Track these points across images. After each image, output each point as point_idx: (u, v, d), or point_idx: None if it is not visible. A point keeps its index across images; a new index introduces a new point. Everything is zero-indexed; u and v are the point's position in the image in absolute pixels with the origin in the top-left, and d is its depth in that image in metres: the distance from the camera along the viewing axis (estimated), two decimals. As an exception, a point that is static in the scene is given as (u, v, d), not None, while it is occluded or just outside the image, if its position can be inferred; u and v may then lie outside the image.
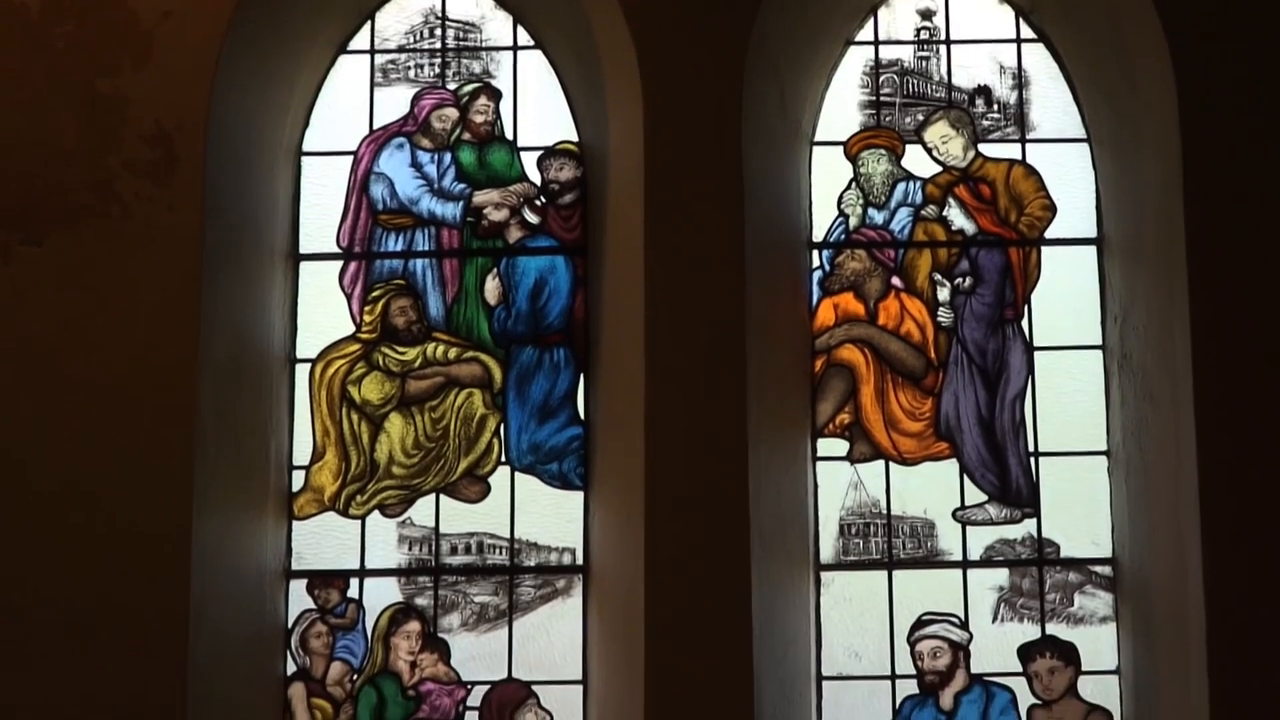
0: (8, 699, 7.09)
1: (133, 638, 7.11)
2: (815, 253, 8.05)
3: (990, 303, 7.97)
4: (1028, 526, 7.75)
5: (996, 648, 7.62)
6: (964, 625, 7.63)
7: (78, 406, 7.33)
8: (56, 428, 7.32)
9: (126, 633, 7.12)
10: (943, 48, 8.22)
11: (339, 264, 8.09)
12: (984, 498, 7.80)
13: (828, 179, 8.12)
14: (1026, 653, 7.59)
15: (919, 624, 7.63)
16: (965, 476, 7.82)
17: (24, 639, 7.13)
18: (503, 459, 7.87)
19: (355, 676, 7.65)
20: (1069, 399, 7.91)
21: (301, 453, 7.91)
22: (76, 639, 7.12)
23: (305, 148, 8.21)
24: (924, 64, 8.22)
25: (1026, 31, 8.21)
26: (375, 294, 8.03)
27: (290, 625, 7.71)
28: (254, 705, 7.51)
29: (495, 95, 8.22)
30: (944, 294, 8.00)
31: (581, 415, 7.88)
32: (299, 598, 7.75)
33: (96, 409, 7.33)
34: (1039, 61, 8.19)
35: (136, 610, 7.13)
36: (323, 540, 7.82)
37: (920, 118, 8.17)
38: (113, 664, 7.10)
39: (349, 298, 8.06)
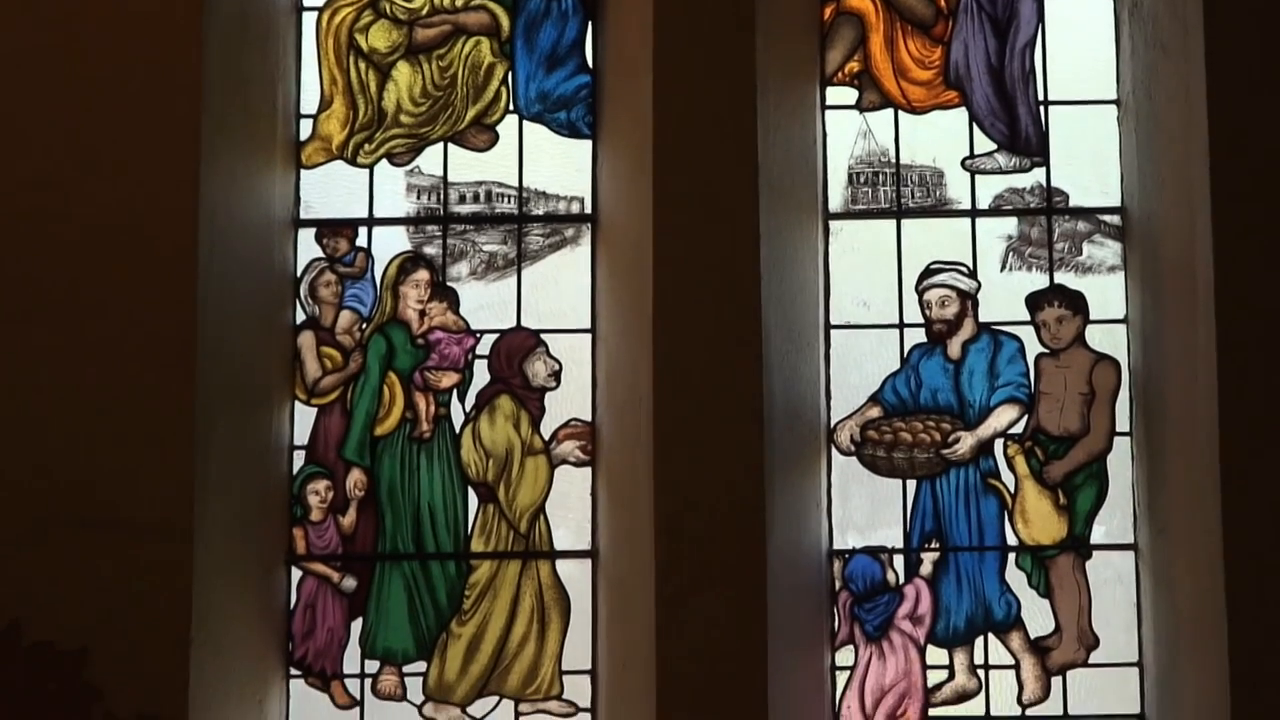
0: (19, 352, 6.84)
1: (142, 289, 6.86)
2: (825, -101, 7.64)
3: (1000, -51, 7.59)
4: (1037, 175, 7.46)
5: (1004, 297, 7.37)
6: (972, 274, 7.37)
7: (81, 57, 6.98)
8: (59, 83, 6.97)
9: (136, 283, 6.86)
10: None
11: (342, -90, 7.69)
12: (993, 146, 7.50)
13: None
14: (1034, 301, 7.32)
15: (927, 273, 7.36)
16: (974, 125, 7.51)
17: (33, 294, 6.86)
18: (510, 107, 7.57)
19: (364, 325, 7.41)
20: (1079, 47, 7.56)
21: (309, 101, 7.59)
22: (86, 291, 6.86)
23: None
24: None
25: None
26: (380, -61, 7.66)
27: (299, 274, 7.45)
28: (263, 354, 7.26)
29: None
30: (954, -60, 7.60)
31: (590, 63, 7.55)
32: (308, 247, 7.48)
33: (100, 59, 6.98)
34: None
35: (145, 261, 6.87)
36: (331, 189, 7.54)
37: None
38: (122, 313, 6.85)
39: (354, -56, 7.68)
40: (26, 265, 6.87)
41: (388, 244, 7.47)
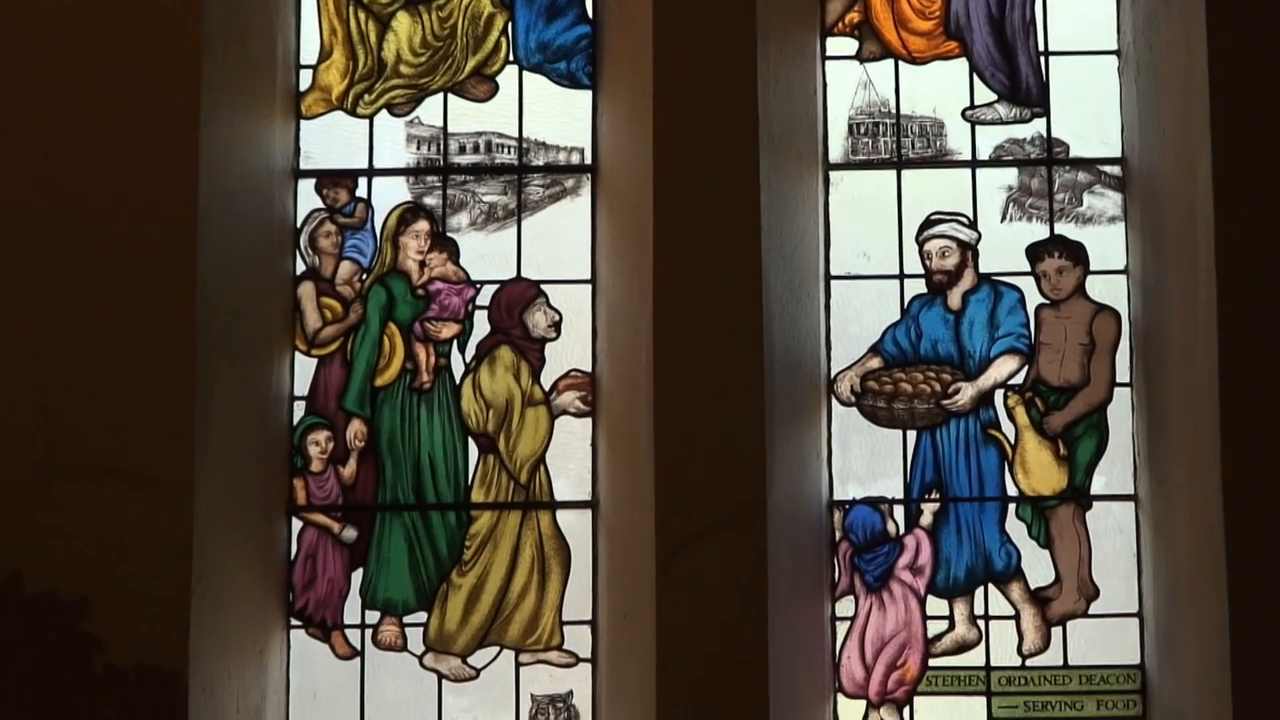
0: (20, 303, 6.77)
1: (142, 240, 6.77)
2: None
3: (1002, -100, 7.51)
4: (1037, 126, 7.39)
5: (1005, 247, 7.30)
6: (972, 225, 7.29)
7: (81, 9, 6.90)
8: (58, 34, 6.89)
9: (136, 234, 6.78)
10: None
11: None
12: (993, 97, 7.42)
13: None
14: (1035, 252, 7.26)
15: (928, 223, 7.29)
16: (975, 75, 7.43)
17: (34, 242, 6.79)
18: (510, 58, 7.49)
19: (364, 276, 7.35)
20: (1079, -3, 7.51)
21: (309, 52, 7.52)
22: (87, 241, 6.79)
23: None
24: None
25: None
26: (380, -110, 7.57)
27: (299, 225, 7.38)
28: (263, 305, 7.21)
29: None
30: (955, -110, 7.51)
31: (589, 13, 7.47)
32: (307, 197, 7.42)
33: (100, 11, 6.89)
34: None
35: (145, 212, 6.78)
36: (331, 140, 7.47)
37: None
38: (123, 266, 6.77)
39: (354, -105, 7.60)
40: (26, 219, 6.79)
41: (387, 194, 7.41)
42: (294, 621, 7.17)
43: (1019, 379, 7.16)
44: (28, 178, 6.82)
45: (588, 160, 7.39)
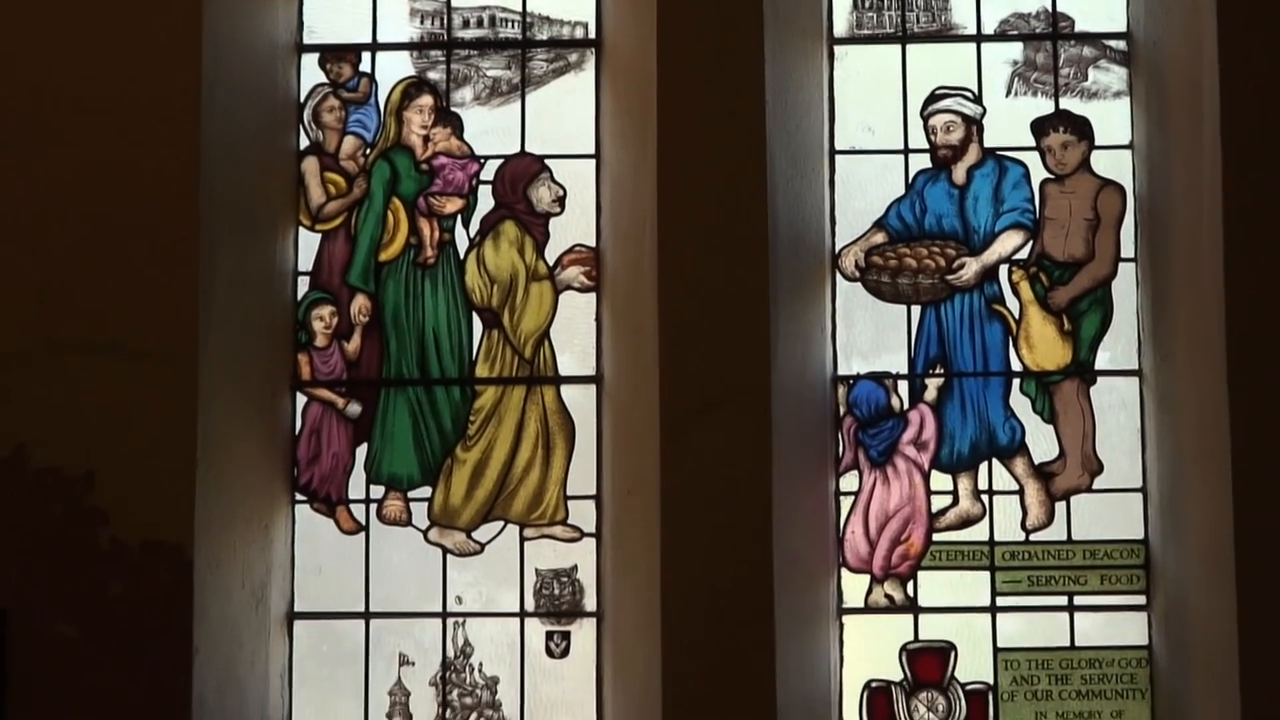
0: (24, 178, 6.68)
1: (145, 114, 6.68)
2: None
3: None
4: (1043, 0, 7.22)
5: (1010, 122, 7.16)
6: (977, 99, 7.16)
7: None
8: None
9: (139, 109, 6.68)
10: None
11: None
12: None
13: None
14: (1040, 127, 7.12)
15: (932, 98, 7.16)
16: None
17: (37, 118, 6.70)
18: None
19: (368, 150, 7.24)
20: None
21: None
22: (90, 116, 6.69)
23: None
24: None
25: None
26: None
27: (303, 100, 7.27)
28: (267, 180, 7.10)
29: None
30: None
31: None
32: (311, 72, 7.31)
33: None
34: None
35: (148, 86, 6.69)
36: (334, 14, 7.35)
37: None
38: (126, 141, 6.68)
39: None
40: (31, 94, 6.70)
41: (391, 69, 7.30)
42: (299, 496, 7.10)
43: (1024, 254, 7.04)
44: (30, 54, 6.72)
45: (592, 35, 7.26)
